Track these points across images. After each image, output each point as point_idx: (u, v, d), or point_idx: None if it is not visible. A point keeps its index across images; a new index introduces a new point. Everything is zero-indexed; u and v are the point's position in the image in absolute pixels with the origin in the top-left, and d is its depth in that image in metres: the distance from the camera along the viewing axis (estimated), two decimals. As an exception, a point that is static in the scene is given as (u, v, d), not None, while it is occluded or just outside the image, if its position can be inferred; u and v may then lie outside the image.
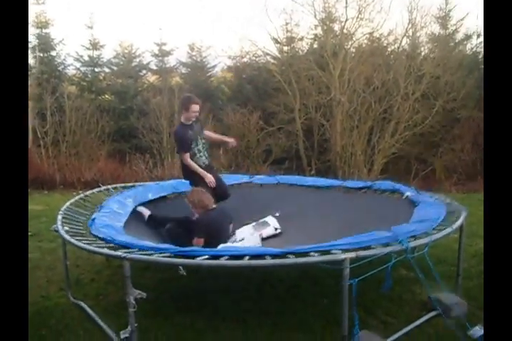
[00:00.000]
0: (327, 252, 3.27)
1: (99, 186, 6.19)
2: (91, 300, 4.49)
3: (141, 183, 6.65)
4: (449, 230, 3.83)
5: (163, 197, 5.88)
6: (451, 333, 3.79)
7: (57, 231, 5.16)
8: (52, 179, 11.49)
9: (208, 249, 3.32)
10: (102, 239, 3.89)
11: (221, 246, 3.47)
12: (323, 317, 4.05)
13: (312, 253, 3.24)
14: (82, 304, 4.37)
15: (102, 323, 3.89)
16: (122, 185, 6.34)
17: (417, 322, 3.93)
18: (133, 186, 6.27)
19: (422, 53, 14.75)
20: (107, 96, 16.57)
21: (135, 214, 5.23)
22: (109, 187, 6.06)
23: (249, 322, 4.02)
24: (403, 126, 12.95)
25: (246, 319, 4.06)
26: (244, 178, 6.78)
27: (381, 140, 13.12)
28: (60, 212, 4.70)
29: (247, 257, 3.16)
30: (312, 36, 15.41)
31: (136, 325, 3.32)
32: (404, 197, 5.20)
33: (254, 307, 4.32)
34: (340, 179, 6.97)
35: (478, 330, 3.77)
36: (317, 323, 3.96)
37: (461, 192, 9.97)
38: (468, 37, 15.90)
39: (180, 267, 3.25)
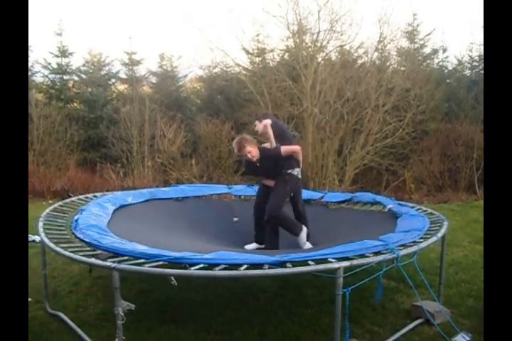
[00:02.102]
0: (322, 261, 3.25)
1: (70, 196, 6.02)
2: (70, 312, 4.35)
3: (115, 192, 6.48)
4: (434, 238, 3.88)
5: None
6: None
7: (35, 242, 4.98)
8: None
9: (204, 257, 3.24)
10: (88, 244, 3.77)
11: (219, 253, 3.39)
12: (310, 328, 4.03)
13: (309, 262, 3.22)
14: (62, 315, 4.24)
15: (85, 336, 3.78)
16: (100, 194, 6.16)
17: (403, 331, 3.96)
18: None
19: (391, 67, 15.02)
20: (75, 104, 16.24)
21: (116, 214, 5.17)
22: (89, 195, 5.90)
23: (235, 333, 3.96)
24: (374, 137, 13.10)
25: (231, 330, 4.01)
26: (223, 189, 6.79)
27: (352, 151, 13.23)
28: (41, 219, 4.55)
29: (244, 266, 3.12)
30: (284, 47, 15.48)
31: (123, 338, 3.24)
32: (386, 210, 5.24)
33: (239, 317, 4.27)
34: (318, 191, 6.98)
35: (462, 337, 3.84)
36: (305, 333, 3.94)
37: (433, 203, 10.15)
38: (435, 51, 16.32)
39: (172, 277, 3.17)
